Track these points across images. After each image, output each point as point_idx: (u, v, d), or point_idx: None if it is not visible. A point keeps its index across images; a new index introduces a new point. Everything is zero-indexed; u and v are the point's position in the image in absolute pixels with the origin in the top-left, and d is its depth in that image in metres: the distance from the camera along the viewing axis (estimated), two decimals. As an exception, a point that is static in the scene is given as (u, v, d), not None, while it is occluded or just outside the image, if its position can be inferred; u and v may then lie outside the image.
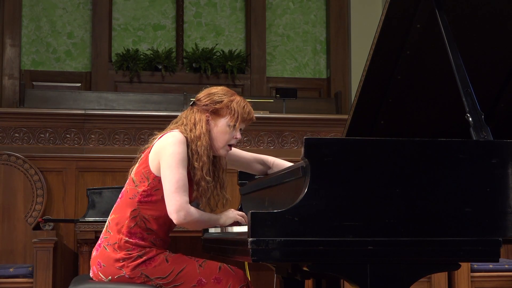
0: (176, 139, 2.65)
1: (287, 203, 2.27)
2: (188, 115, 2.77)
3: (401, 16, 2.65)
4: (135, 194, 2.66)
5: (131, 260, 2.59)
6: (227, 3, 8.04)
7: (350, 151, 2.25)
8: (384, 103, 2.85)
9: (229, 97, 2.76)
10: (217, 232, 2.96)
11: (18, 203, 4.77)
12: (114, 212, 2.72)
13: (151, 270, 2.60)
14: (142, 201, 2.65)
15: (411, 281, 2.28)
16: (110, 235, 2.66)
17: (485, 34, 2.79)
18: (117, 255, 2.61)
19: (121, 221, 2.65)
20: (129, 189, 2.69)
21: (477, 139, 2.37)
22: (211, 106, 2.74)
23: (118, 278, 2.60)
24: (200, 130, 2.71)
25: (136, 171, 2.72)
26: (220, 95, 2.76)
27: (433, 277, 4.65)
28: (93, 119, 5.08)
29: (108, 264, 2.62)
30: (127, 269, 2.59)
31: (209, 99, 2.75)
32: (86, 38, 7.69)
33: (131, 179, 2.71)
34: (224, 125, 2.75)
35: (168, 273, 2.60)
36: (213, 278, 2.62)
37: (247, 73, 7.87)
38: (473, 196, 2.27)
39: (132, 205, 2.66)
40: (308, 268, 2.25)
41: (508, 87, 2.92)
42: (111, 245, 2.63)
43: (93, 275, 2.70)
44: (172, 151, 2.62)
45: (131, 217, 2.64)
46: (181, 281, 2.60)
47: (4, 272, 4.33)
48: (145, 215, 2.65)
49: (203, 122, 2.73)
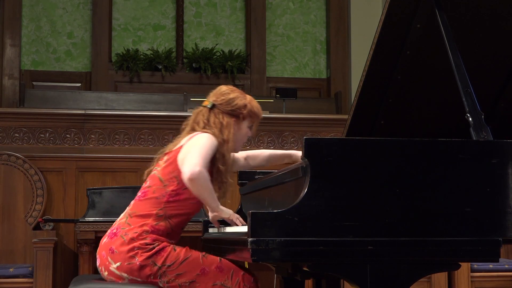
0: (209, 136, 2.76)
1: (287, 203, 2.27)
2: (209, 118, 2.85)
3: (401, 16, 2.65)
4: (163, 194, 2.73)
5: (146, 250, 2.65)
6: (227, 3, 8.04)
7: (350, 151, 2.25)
8: (384, 103, 2.85)
9: (247, 100, 2.91)
10: (217, 232, 2.96)
11: (18, 203, 4.77)
12: (136, 208, 2.76)
13: (160, 258, 2.65)
14: (170, 201, 2.72)
15: (411, 281, 2.28)
16: (129, 227, 2.71)
17: (485, 34, 2.79)
18: (133, 244, 2.66)
19: (146, 218, 2.70)
20: (156, 189, 2.75)
21: (477, 139, 2.37)
22: (237, 112, 2.87)
23: (128, 264, 2.64)
24: (228, 134, 2.82)
25: (163, 171, 2.77)
26: (241, 98, 2.89)
27: (433, 277, 4.65)
28: (93, 119, 5.08)
29: (121, 251, 2.66)
30: (141, 257, 2.63)
31: (235, 105, 2.87)
32: (86, 38, 7.69)
33: (158, 179, 2.76)
34: (245, 127, 2.91)
35: (174, 261, 2.65)
36: (215, 266, 2.68)
37: (247, 73, 7.88)
38: (473, 196, 2.27)
39: (158, 204, 2.72)
40: (308, 268, 2.25)
41: (508, 87, 2.92)
42: (129, 235, 2.68)
43: (99, 262, 2.73)
44: (204, 141, 2.72)
45: (157, 216, 2.71)
46: (185, 269, 2.65)
47: (4, 272, 4.33)
48: (171, 214, 2.72)
49: (231, 126, 2.84)
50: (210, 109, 2.87)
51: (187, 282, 2.64)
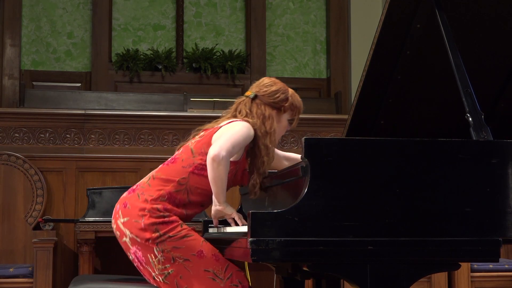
0: (247, 125, 2.77)
1: (287, 203, 2.28)
2: (251, 108, 2.87)
3: (401, 16, 2.65)
4: (190, 164, 2.77)
5: (155, 216, 2.68)
6: (227, 3, 8.03)
7: (350, 151, 2.25)
8: (384, 103, 2.85)
9: (289, 93, 2.93)
10: (216, 232, 2.96)
11: (18, 203, 4.77)
12: (161, 171, 2.80)
13: (164, 227, 2.68)
14: (194, 173, 2.75)
15: (411, 281, 2.28)
16: (149, 187, 2.76)
17: (485, 34, 2.79)
18: (145, 206, 2.70)
19: (167, 183, 2.75)
20: (186, 158, 2.79)
21: (477, 139, 2.37)
22: (279, 104, 2.89)
23: (134, 222, 2.69)
24: (271, 125, 2.83)
25: (196, 144, 2.81)
26: (283, 91, 2.91)
27: (433, 277, 4.65)
28: (93, 119, 5.08)
29: (133, 207, 2.72)
30: (147, 220, 2.68)
31: (277, 98, 2.88)
32: (86, 38, 7.68)
33: (190, 150, 2.80)
34: (285, 121, 2.92)
35: (175, 234, 2.68)
36: (212, 254, 2.70)
37: (247, 73, 7.87)
38: (473, 196, 2.27)
39: (184, 173, 2.76)
40: (308, 268, 2.25)
41: (508, 87, 2.92)
42: (145, 195, 2.73)
43: (113, 214, 2.81)
44: (240, 129, 2.75)
45: (178, 184, 2.75)
46: (183, 245, 2.67)
47: (4, 272, 4.33)
48: (192, 186, 2.75)
49: (273, 118, 2.86)
50: (252, 99, 2.89)
51: (181, 258, 2.66)
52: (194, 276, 2.66)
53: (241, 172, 2.89)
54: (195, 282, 2.65)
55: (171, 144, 5.11)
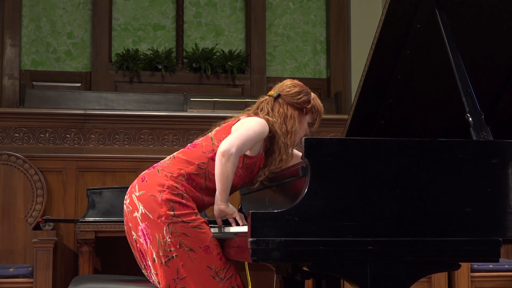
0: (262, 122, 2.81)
1: (287, 203, 2.28)
2: (274, 107, 2.92)
3: (401, 16, 2.65)
4: (209, 150, 2.80)
5: (174, 194, 2.70)
6: (227, 3, 8.03)
7: (350, 151, 2.25)
8: (384, 103, 2.85)
9: (311, 96, 2.96)
10: (217, 232, 2.96)
11: (18, 203, 4.77)
12: (182, 153, 2.84)
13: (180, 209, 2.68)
14: (213, 159, 2.76)
15: (411, 281, 2.28)
16: (169, 165, 2.78)
17: (485, 34, 2.79)
18: (165, 181, 2.72)
19: (188, 163, 2.78)
20: (206, 144, 2.83)
21: (477, 139, 2.37)
22: (301, 105, 2.92)
23: (150, 195, 2.69)
24: (292, 125, 2.88)
25: (216, 133, 2.85)
26: (305, 93, 2.95)
27: (433, 277, 4.65)
28: (93, 119, 5.08)
29: (152, 182, 2.74)
30: (165, 195, 2.68)
31: (300, 99, 2.92)
32: (86, 38, 7.68)
33: (209, 137, 2.85)
34: (305, 122, 2.96)
35: (189, 221, 2.68)
36: (217, 252, 2.70)
37: (247, 73, 7.87)
38: (473, 196, 2.27)
39: (203, 158, 2.79)
40: (308, 268, 2.25)
41: (508, 87, 2.92)
42: (166, 171, 2.75)
43: (129, 190, 2.81)
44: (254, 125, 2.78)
45: (198, 167, 2.78)
46: (193, 234, 2.67)
47: (4, 272, 4.33)
48: (211, 172, 2.77)
49: (295, 119, 2.90)
50: (275, 98, 2.93)
51: (187, 245, 2.65)
52: (195, 269, 2.65)
53: (258, 168, 2.89)
54: (195, 275, 2.64)
55: (171, 144, 5.11)
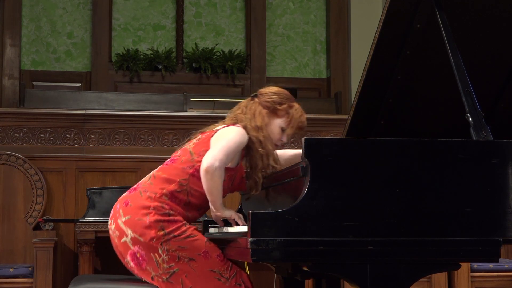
0: (240, 131, 2.81)
1: (287, 203, 2.28)
2: (248, 105, 2.94)
3: (401, 16, 2.65)
4: (190, 166, 2.77)
5: (160, 214, 2.68)
6: (227, 3, 8.03)
7: (350, 151, 2.25)
8: (384, 103, 2.85)
9: (290, 102, 2.95)
10: (217, 232, 2.96)
11: (18, 203, 4.76)
12: (162, 171, 2.81)
13: (169, 226, 2.68)
14: (194, 175, 2.75)
15: (411, 281, 2.28)
16: (151, 186, 2.76)
17: (485, 34, 2.79)
18: (150, 203, 2.70)
19: (168, 182, 2.75)
20: (185, 159, 2.80)
21: (477, 139, 2.37)
22: (271, 105, 2.91)
23: (137, 220, 2.68)
24: (261, 122, 2.87)
25: (195, 147, 2.82)
26: (282, 97, 2.94)
27: (433, 277, 4.65)
28: (93, 119, 5.08)
29: (136, 205, 2.71)
30: (153, 217, 2.67)
31: (271, 98, 2.92)
32: (86, 38, 7.68)
33: (189, 152, 2.82)
34: (277, 126, 2.91)
35: (181, 234, 2.68)
36: (216, 254, 2.70)
37: (247, 73, 7.87)
38: (473, 196, 2.27)
39: (184, 174, 2.77)
40: (308, 268, 2.25)
41: (508, 87, 2.92)
42: (148, 192, 2.73)
43: (111, 214, 2.78)
44: (236, 136, 2.77)
45: (179, 184, 2.75)
46: (188, 245, 2.67)
47: (4, 272, 4.33)
48: (192, 188, 2.75)
49: (263, 115, 2.89)
50: (252, 98, 2.97)
51: (186, 257, 2.66)
52: (199, 276, 2.66)
53: (239, 179, 2.90)
54: (201, 282, 2.66)
55: (171, 144, 5.11)
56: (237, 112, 2.94)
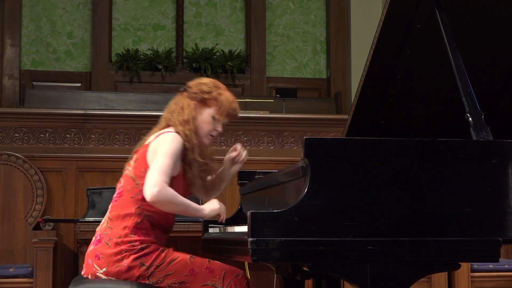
0: (171, 135, 2.74)
1: (287, 203, 2.27)
2: (177, 101, 2.88)
3: (401, 16, 2.65)
4: (137, 193, 2.70)
5: (133, 252, 2.63)
6: (227, 3, 8.04)
7: (350, 151, 2.25)
8: (384, 103, 2.85)
9: (218, 90, 2.86)
10: (217, 232, 2.96)
11: (18, 203, 4.76)
12: (114, 210, 2.74)
13: (148, 259, 2.63)
14: (145, 199, 2.66)
15: (411, 281, 2.28)
16: (112, 230, 2.69)
17: (485, 34, 2.79)
18: (119, 248, 2.64)
19: (126, 218, 2.68)
20: (130, 188, 2.73)
21: (477, 139, 2.37)
22: (200, 95, 2.84)
23: (116, 268, 2.62)
24: (188, 115, 2.80)
25: (135, 170, 2.75)
26: (210, 86, 2.87)
27: (433, 277, 4.65)
28: (93, 119, 5.08)
29: (108, 255, 2.65)
30: (128, 259, 2.62)
31: (199, 88, 2.86)
32: (86, 38, 7.69)
33: (131, 178, 2.75)
34: (208, 116, 2.84)
35: (162, 261, 2.63)
36: (205, 267, 2.66)
37: (247, 73, 7.87)
38: (473, 196, 2.27)
39: (135, 203, 2.69)
40: (308, 268, 2.25)
41: (508, 87, 2.92)
42: (113, 239, 2.66)
43: (85, 269, 2.72)
44: (167, 145, 2.70)
45: (136, 214, 2.68)
46: (173, 270, 2.63)
47: (4, 272, 4.32)
48: (149, 211, 2.69)
49: (191, 108, 2.82)
50: (181, 92, 2.91)
51: (176, 282, 2.63)
52: None
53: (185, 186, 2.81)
54: None
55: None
56: (166, 111, 2.88)
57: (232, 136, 5.05)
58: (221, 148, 4.97)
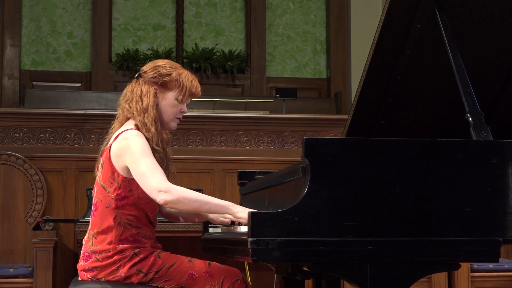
0: (130, 135, 2.62)
1: (287, 203, 2.27)
2: (134, 88, 2.74)
3: (401, 16, 2.65)
4: (110, 201, 2.61)
5: (127, 260, 2.58)
6: (227, 3, 8.04)
7: (350, 151, 2.25)
8: (384, 103, 2.85)
9: (178, 71, 2.72)
10: (216, 232, 2.96)
11: (18, 203, 4.76)
12: (94, 225, 2.66)
13: (145, 265, 2.59)
14: (119, 206, 2.61)
15: (411, 281, 2.28)
16: (98, 248, 2.62)
17: (486, 34, 2.79)
18: (112, 259, 2.59)
19: (108, 232, 2.61)
20: (103, 198, 2.64)
21: (477, 139, 2.37)
22: (159, 79, 2.70)
23: (113, 278, 2.58)
24: (147, 102, 2.68)
25: (103, 177, 2.65)
26: (168, 68, 2.72)
27: (433, 277, 4.65)
28: (93, 119, 5.08)
29: (102, 267, 2.60)
30: (124, 268, 2.58)
31: (157, 72, 2.71)
32: (86, 38, 7.69)
33: (101, 186, 2.65)
34: (172, 99, 2.71)
35: (160, 267, 2.59)
36: (204, 272, 2.62)
37: (247, 73, 7.88)
38: (473, 196, 2.27)
39: (111, 212, 2.61)
40: (308, 268, 2.25)
41: (508, 87, 2.92)
42: (103, 254, 2.60)
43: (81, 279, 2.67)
44: (135, 147, 2.58)
45: (116, 225, 2.60)
46: (172, 275, 2.60)
47: (4, 272, 4.32)
48: (128, 217, 2.62)
49: (151, 94, 2.69)
50: (136, 79, 2.76)
51: (176, 287, 2.60)
52: None
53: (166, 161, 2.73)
54: None
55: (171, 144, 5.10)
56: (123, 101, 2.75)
57: (232, 136, 5.05)
58: (221, 148, 4.97)
